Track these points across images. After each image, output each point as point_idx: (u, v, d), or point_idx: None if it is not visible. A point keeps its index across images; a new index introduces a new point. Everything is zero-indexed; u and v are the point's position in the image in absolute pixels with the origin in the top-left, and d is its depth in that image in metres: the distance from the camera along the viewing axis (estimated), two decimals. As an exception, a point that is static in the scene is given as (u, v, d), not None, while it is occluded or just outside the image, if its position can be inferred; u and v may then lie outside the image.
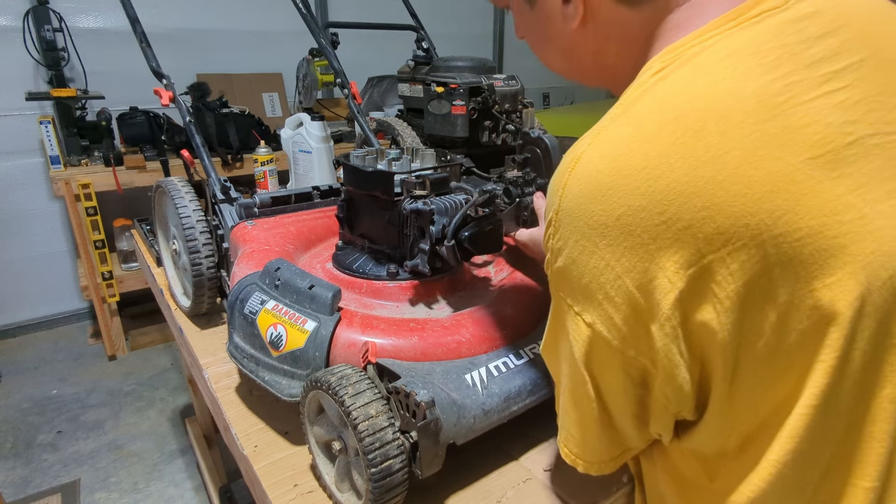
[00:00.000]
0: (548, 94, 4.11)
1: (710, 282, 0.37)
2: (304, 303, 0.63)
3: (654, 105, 0.40)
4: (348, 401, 0.52)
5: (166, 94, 1.02)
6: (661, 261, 0.37)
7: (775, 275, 0.36)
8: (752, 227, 0.35)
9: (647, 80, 0.42)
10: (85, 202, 2.11)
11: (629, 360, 0.42)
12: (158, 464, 1.80)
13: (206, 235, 0.85)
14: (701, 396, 0.43)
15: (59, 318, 2.67)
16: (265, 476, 0.61)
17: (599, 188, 0.39)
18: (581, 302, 0.42)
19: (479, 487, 0.61)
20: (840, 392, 0.38)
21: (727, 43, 0.41)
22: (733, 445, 0.43)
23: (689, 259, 0.37)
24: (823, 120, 0.37)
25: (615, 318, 0.40)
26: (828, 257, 0.36)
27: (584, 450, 0.49)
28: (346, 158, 0.79)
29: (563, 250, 0.42)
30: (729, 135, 0.37)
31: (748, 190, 0.35)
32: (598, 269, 0.40)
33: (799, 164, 0.36)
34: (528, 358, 0.64)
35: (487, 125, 1.39)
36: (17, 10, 2.22)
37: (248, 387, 0.77)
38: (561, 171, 0.43)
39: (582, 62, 0.54)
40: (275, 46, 2.84)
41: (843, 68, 0.39)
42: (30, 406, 2.08)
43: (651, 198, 0.37)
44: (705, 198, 0.36)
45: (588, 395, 0.45)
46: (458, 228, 0.67)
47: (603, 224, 0.39)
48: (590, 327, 0.42)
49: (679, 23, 0.45)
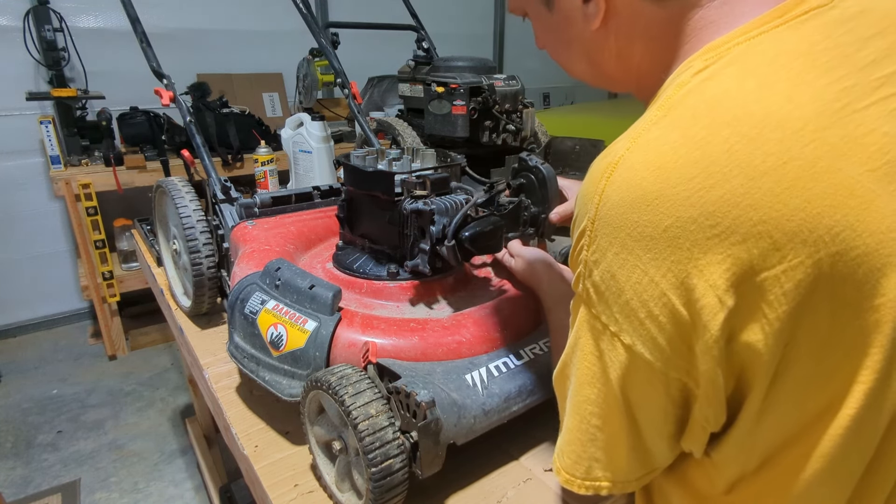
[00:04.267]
0: (548, 94, 4.11)
1: (762, 301, 0.35)
2: (305, 303, 0.63)
3: (701, 108, 0.37)
4: (348, 400, 0.52)
5: (166, 94, 1.02)
6: (711, 277, 0.35)
7: (826, 296, 0.34)
8: (811, 244, 0.33)
9: (689, 79, 0.39)
10: (85, 202, 2.11)
11: (671, 382, 0.39)
12: (159, 464, 1.80)
13: (207, 235, 0.85)
14: (730, 411, 0.41)
15: (59, 318, 2.67)
16: (265, 476, 0.61)
17: (644, 197, 0.36)
18: (619, 321, 0.39)
19: (479, 487, 0.61)
20: (876, 414, 0.37)
21: (776, 41, 0.38)
22: (755, 463, 0.42)
23: (742, 276, 0.34)
24: (880, 129, 0.35)
25: (658, 339, 0.38)
26: (880, 277, 0.34)
27: (609, 471, 0.45)
28: (346, 158, 0.79)
29: (599, 263, 0.39)
30: (788, 143, 0.34)
31: (808, 204, 0.33)
32: (641, 284, 0.37)
33: (858, 176, 0.34)
34: (529, 358, 0.64)
35: (488, 125, 1.40)
36: (17, 10, 2.22)
37: (248, 387, 0.77)
38: (595, 178, 0.40)
39: (605, 65, 0.50)
40: (275, 46, 2.84)
41: (894, 72, 0.37)
42: (30, 406, 2.08)
43: (703, 209, 0.34)
44: (763, 211, 0.33)
45: (622, 420, 0.42)
46: (459, 228, 0.67)
47: (648, 236, 0.36)
48: (629, 349, 0.39)
49: (714, 19, 0.42)
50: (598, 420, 0.44)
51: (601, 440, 0.44)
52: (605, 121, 2.64)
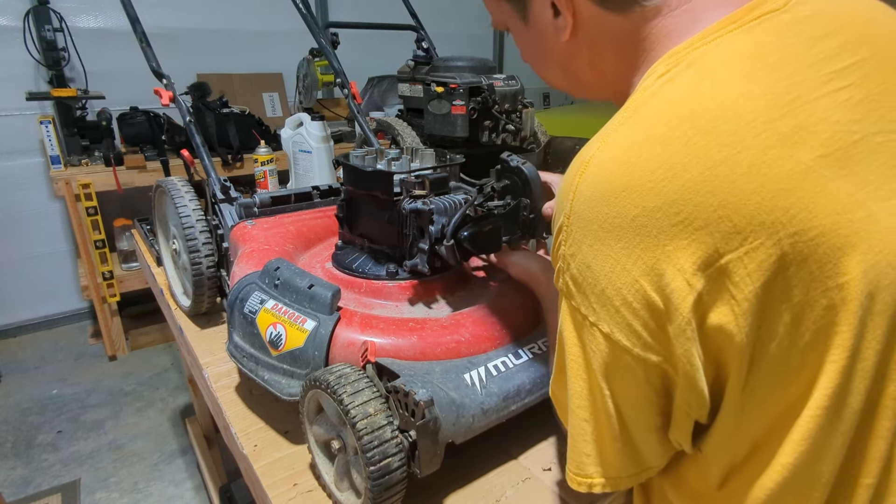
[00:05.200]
0: (548, 94, 4.11)
1: (728, 283, 0.36)
2: (304, 302, 0.63)
3: (662, 107, 0.40)
4: (347, 399, 0.52)
5: (166, 94, 1.02)
6: (678, 262, 0.37)
7: (791, 274, 0.36)
8: (769, 226, 0.35)
9: (653, 83, 0.42)
10: (85, 202, 2.12)
11: (651, 368, 0.41)
12: (158, 464, 1.80)
13: (206, 235, 0.85)
14: (713, 401, 0.42)
15: (59, 318, 2.67)
16: (265, 475, 0.61)
17: (612, 190, 0.38)
18: (597, 311, 0.41)
19: (478, 486, 0.61)
20: (851, 392, 0.38)
21: (729, 45, 0.41)
22: (742, 453, 0.42)
23: (707, 259, 0.36)
24: (830, 118, 0.37)
25: (634, 325, 0.39)
26: (841, 256, 0.36)
27: (601, 467, 0.46)
28: (345, 158, 0.79)
29: (576, 256, 0.41)
30: (741, 134, 0.36)
31: (763, 188, 0.35)
32: (615, 272, 0.39)
33: (811, 161, 0.36)
34: (527, 357, 0.65)
35: (487, 125, 1.40)
36: (17, 10, 2.22)
37: (247, 386, 0.77)
38: (570, 177, 0.42)
39: (579, 74, 0.54)
40: (275, 46, 2.84)
41: (844, 67, 0.40)
42: (30, 406, 2.08)
43: (666, 198, 0.36)
44: (721, 196, 0.36)
45: (607, 411, 0.44)
46: (458, 228, 0.67)
47: (618, 226, 0.38)
48: (607, 338, 0.41)
49: (676, 27, 0.45)
50: (585, 413, 0.45)
51: (589, 434, 0.46)
52: (605, 121, 2.63)
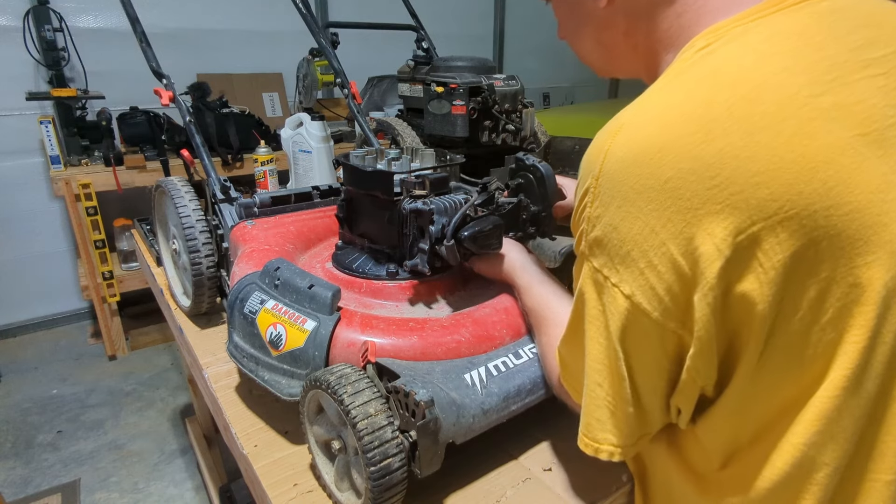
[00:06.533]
0: (548, 94, 4.10)
1: (758, 250, 0.36)
2: (304, 302, 0.63)
3: (705, 74, 0.40)
4: (347, 399, 0.52)
5: (166, 94, 1.02)
6: (709, 227, 0.37)
7: (822, 248, 0.36)
8: (805, 196, 0.35)
9: (692, 55, 0.43)
10: (85, 202, 2.11)
11: (667, 334, 0.41)
12: (158, 464, 1.80)
13: (206, 235, 0.85)
14: (724, 373, 0.42)
15: (59, 318, 2.67)
16: (265, 475, 0.61)
17: (647, 151, 0.38)
18: (620, 272, 0.40)
19: (478, 487, 0.61)
20: (868, 375, 0.38)
21: (772, 25, 0.42)
22: (748, 433, 0.42)
23: (739, 226, 0.36)
24: (868, 100, 0.38)
25: (657, 288, 0.39)
26: (871, 234, 0.36)
27: (610, 433, 0.46)
28: (345, 158, 0.79)
29: (602, 217, 0.41)
30: (783, 104, 0.37)
31: (803, 158, 0.36)
32: (642, 235, 0.39)
33: (849, 139, 0.37)
34: (528, 357, 0.64)
35: (487, 125, 1.39)
36: (17, 10, 2.22)
37: (247, 386, 0.77)
38: (600, 141, 0.42)
39: (614, 44, 0.54)
40: (275, 46, 2.84)
41: (880, 56, 0.40)
42: (30, 406, 2.08)
43: (703, 161, 0.36)
44: (760, 163, 0.36)
45: (620, 373, 0.44)
46: (458, 228, 0.67)
47: (650, 188, 0.38)
48: (628, 299, 0.41)
49: (717, 6, 0.45)
50: (600, 376, 0.45)
51: (601, 398, 0.46)
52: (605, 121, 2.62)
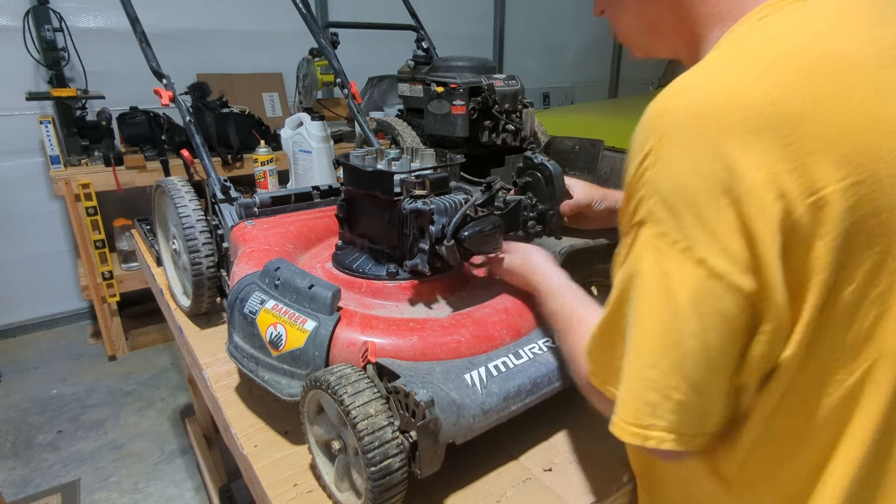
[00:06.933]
0: (548, 94, 4.10)
1: (828, 213, 0.37)
2: (304, 302, 0.63)
3: (766, 41, 0.40)
4: (347, 400, 0.52)
5: (166, 94, 1.02)
6: (782, 185, 0.36)
7: (883, 219, 0.37)
8: (876, 161, 0.36)
9: (753, 24, 0.42)
10: (85, 202, 2.11)
11: (741, 300, 0.38)
12: (158, 464, 1.80)
13: (206, 235, 0.85)
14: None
15: (59, 318, 2.67)
16: (265, 475, 0.61)
17: (716, 107, 0.38)
18: (691, 234, 0.38)
19: (478, 487, 0.61)
20: None
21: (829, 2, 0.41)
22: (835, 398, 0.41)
23: (811, 187, 0.36)
24: None
25: (733, 246, 0.37)
26: None
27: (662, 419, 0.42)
28: (345, 158, 0.79)
29: (668, 176, 0.39)
30: (853, 73, 0.37)
31: (874, 124, 0.36)
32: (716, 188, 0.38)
33: None
34: (528, 358, 0.64)
35: (487, 125, 1.39)
36: (17, 10, 2.22)
37: (247, 386, 0.77)
38: (658, 105, 0.41)
39: (658, 19, 0.52)
40: (275, 46, 2.84)
41: None
42: (30, 406, 2.08)
43: (777, 120, 0.37)
44: (833, 128, 0.36)
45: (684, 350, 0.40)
46: (458, 228, 0.67)
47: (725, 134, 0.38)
48: (701, 264, 0.38)
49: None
50: (653, 357, 0.41)
51: (655, 379, 0.41)
52: (605, 121, 2.63)
